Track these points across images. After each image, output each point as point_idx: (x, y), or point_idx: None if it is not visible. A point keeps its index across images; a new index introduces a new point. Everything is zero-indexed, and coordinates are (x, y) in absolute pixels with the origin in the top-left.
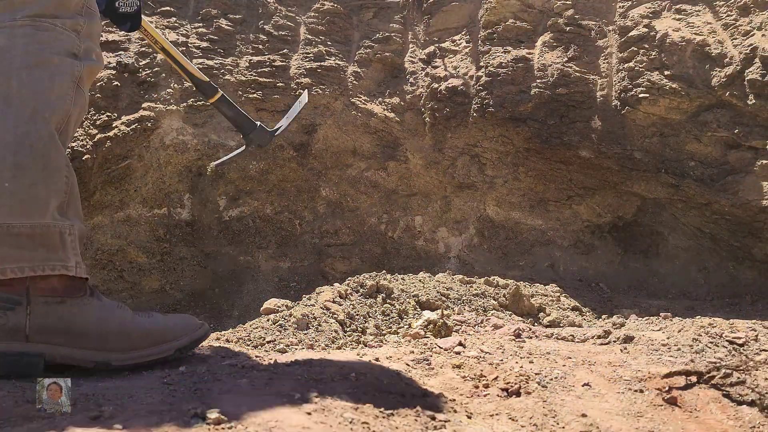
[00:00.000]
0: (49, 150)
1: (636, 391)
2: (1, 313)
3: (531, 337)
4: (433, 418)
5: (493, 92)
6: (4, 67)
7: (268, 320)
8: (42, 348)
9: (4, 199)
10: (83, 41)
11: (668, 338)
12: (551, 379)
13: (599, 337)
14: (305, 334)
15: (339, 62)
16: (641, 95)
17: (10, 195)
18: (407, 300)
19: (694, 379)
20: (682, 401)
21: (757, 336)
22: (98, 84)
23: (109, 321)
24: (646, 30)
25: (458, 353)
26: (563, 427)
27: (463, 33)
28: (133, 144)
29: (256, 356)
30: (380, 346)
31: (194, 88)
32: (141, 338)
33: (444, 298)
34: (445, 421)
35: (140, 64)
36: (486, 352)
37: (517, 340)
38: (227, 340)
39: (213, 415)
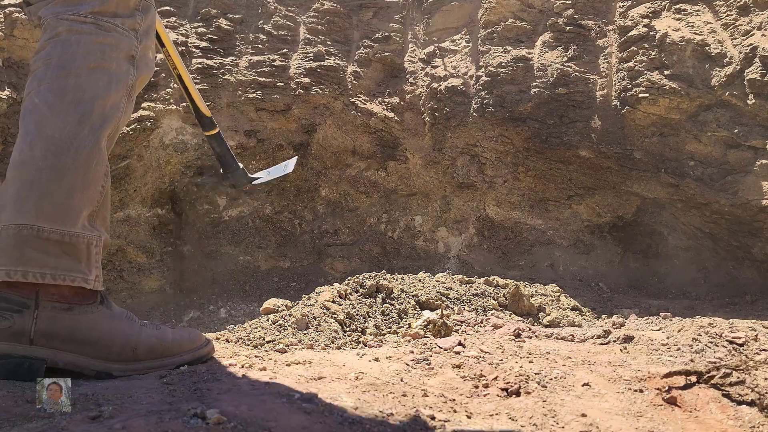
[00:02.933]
0: (92, 157)
1: (636, 390)
2: (8, 315)
3: (531, 337)
4: (433, 418)
5: (493, 92)
6: (64, 62)
7: (267, 320)
8: (45, 352)
9: (36, 200)
10: (141, 40)
11: (668, 338)
12: (551, 379)
13: (599, 336)
14: (305, 334)
15: (339, 62)
16: (641, 95)
17: (45, 196)
18: (407, 300)
19: (693, 378)
20: (681, 401)
21: (756, 336)
22: None
23: (114, 332)
24: (646, 30)
25: (458, 353)
26: (563, 427)
27: (462, 33)
28: (132, 144)
29: (256, 356)
30: (380, 346)
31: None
32: (145, 352)
33: (444, 298)
34: (445, 421)
35: None
36: (486, 352)
37: (516, 340)
38: (227, 340)
39: (213, 415)
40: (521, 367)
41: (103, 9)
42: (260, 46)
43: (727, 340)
